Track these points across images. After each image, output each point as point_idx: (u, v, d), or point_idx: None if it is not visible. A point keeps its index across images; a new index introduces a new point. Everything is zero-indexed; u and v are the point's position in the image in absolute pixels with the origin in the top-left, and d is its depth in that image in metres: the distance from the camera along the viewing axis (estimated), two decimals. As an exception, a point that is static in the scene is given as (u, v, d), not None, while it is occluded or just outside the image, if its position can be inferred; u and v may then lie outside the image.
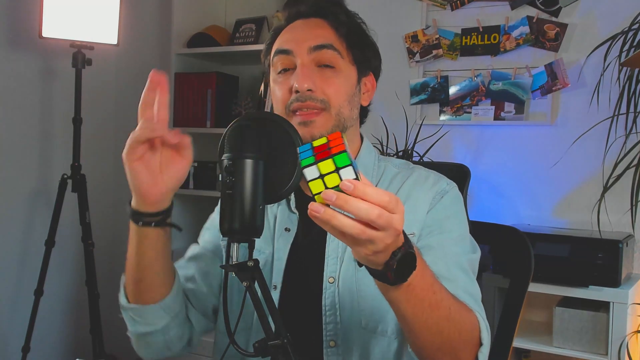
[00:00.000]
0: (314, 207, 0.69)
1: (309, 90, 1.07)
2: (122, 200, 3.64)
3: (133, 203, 0.95)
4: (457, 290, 0.99)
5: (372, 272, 0.79)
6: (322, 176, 0.69)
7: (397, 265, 0.76)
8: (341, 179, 0.69)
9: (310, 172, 0.70)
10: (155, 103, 0.94)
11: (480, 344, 0.95)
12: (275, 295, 1.11)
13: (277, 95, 1.12)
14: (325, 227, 0.71)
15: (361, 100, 1.18)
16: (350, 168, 0.69)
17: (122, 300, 1.05)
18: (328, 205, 0.70)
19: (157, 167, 0.93)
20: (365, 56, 1.16)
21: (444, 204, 1.11)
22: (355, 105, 1.15)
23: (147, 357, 1.11)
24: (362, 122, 1.23)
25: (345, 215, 0.70)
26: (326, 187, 0.69)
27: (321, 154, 0.70)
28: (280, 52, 1.11)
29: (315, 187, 0.70)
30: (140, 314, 1.04)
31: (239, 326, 1.13)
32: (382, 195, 0.69)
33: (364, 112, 1.22)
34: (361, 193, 0.68)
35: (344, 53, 1.12)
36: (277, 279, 1.12)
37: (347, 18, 1.14)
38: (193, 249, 1.26)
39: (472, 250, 1.11)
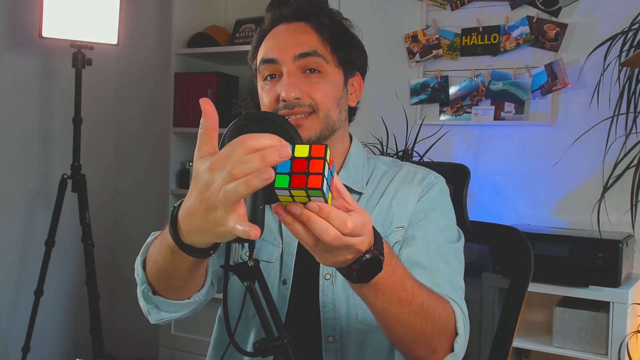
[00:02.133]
0: (277, 209, 0.71)
1: (296, 98, 1.08)
2: (122, 201, 3.65)
3: (191, 241, 0.78)
4: (437, 279, 1.02)
5: (337, 269, 0.81)
6: (292, 196, 0.70)
7: (359, 269, 0.78)
8: (310, 200, 0.70)
9: (281, 192, 0.70)
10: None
11: (456, 334, 0.96)
12: (287, 289, 1.12)
13: (264, 103, 1.13)
14: (285, 226, 0.73)
15: (349, 101, 1.19)
16: (320, 198, 0.70)
17: (145, 290, 0.97)
18: None
19: None
20: (350, 57, 1.16)
21: (430, 195, 1.15)
22: (343, 107, 1.15)
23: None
24: (350, 120, 1.23)
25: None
26: (294, 201, 0.71)
27: (298, 176, 0.69)
28: (266, 61, 1.12)
29: (284, 198, 0.71)
30: (168, 305, 0.98)
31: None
32: (344, 222, 0.71)
33: (352, 111, 1.22)
34: (325, 215, 0.70)
35: (329, 57, 1.12)
36: (287, 273, 1.13)
37: (330, 21, 1.14)
38: None
39: (456, 238, 1.14)
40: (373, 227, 0.78)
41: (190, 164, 2.93)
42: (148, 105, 3.27)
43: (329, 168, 0.70)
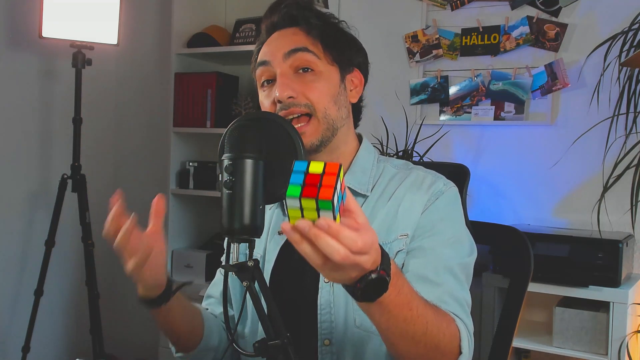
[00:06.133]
0: (285, 227, 0.71)
1: (290, 97, 1.08)
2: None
3: (144, 295, 1.01)
4: (443, 295, 1.00)
5: (342, 285, 0.80)
6: (302, 208, 0.70)
7: (364, 288, 0.77)
8: (319, 217, 0.70)
9: (292, 202, 0.70)
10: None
11: (460, 353, 0.96)
12: None
13: (265, 108, 1.13)
14: (293, 244, 0.73)
15: (349, 98, 1.18)
16: (330, 212, 0.69)
17: (172, 350, 1.20)
18: None
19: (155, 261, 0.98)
20: (344, 54, 1.16)
21: (438, 205, 1.10)
22: (342, 104, 1.14)
23: None
24: (358, 119, 1.23)
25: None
26: (303, 216, 0.71)
27: (310, 187, 0.70)
28: (260, 64, 1.13)
29: (293, 214, 0.71)
30: (190, 358, 1.18)
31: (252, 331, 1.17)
32: (354, 241, 0.70)
33: (357, 110, 1.22)
34: (334, 233, 0.70)
35: (321, 54, 1.12)
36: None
37: (318, 20, 1.14)
38: (217, 273, 1.32)
39: (468, 253, 1.10)
40: (381, 247, 0.78)
41: (191, 163, 2.93)
42: (148, 105, 3.26)
43: (341, 191, 0.70)
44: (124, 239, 0.92)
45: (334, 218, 0.70)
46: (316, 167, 0.71)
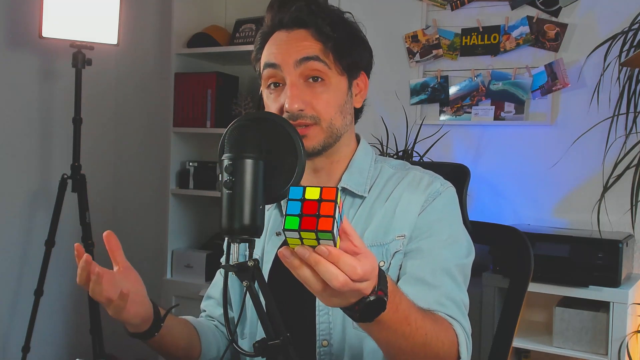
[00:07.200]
0: (284, 253, 0.71)
1: (299, 110, 1.07)
2: (122, 200, 3.63)
3: (135, 331, 1.04)
4: (441, 297, 1.00)
5: (340, 307, 0.80)
6: (301, 238, 0.70)
7: (363, 309, 0.77)
8: (319, 244, 0.70)
9: (290, 234, 0.70)
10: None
11: (459, 357, 0.96)
12: None
13: (269, 110, 1.12)
14: (291, 270, 0.73)
15: (354, 103, 1.17)
16: (330, 241, 0.69)
17: None
18: None
19: (135, 298, 0.99)
20: (354, 61, 1.14)
21: (435, 206, 1.10)
22: (347, 112, 1.14)
23: None
24: (357, 119, 1.22)
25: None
26: (302, 243, 0.71)
27: (308, 218, 0.69)
28: (269, 65, 1.11)
29: (293, 241, 0.71)
30: None
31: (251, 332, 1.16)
32: (354, 268, 0.70)
33: (357, 111, 1.21)
34: (334, 259, 0.69)
35: (332, 65, 1.10)
36: None
37: (331, 29, 1.10)
38: (217, 274, 1.32)
39: (465, 254, 1.10)
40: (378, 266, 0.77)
41: (191, 163, 2.93)
42: (148, 105, 3.26)
43: (338, 211, 0.70)
44: (97, 286, 0.93)
45: (335, 244, 0.70)
46: (312, 194, 0.71)
